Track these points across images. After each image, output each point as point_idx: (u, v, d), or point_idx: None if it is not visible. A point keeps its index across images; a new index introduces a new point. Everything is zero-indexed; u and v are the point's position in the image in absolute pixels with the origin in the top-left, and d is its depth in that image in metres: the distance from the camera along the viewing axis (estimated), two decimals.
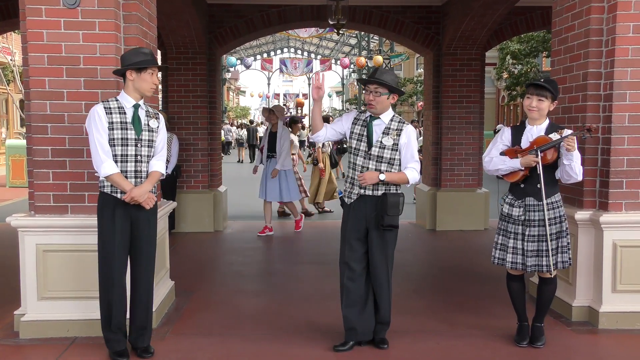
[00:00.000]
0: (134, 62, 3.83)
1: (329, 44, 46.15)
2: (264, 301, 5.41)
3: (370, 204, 4.11)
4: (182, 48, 8.57)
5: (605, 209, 4.59)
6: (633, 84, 4.49)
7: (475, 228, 8.97)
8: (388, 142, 4.10)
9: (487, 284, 5.90)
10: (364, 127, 4.18)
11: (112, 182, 3.81)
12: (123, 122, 3.84)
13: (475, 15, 7.91)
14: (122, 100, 3.89)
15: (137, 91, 3.89)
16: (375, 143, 4.11)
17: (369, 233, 4.14)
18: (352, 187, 4.17)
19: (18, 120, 24.14)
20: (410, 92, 37.82)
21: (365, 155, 4.13)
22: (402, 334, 4.50)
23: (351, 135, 4.23)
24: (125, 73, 3.87)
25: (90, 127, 3.81)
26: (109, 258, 3.87)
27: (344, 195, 4.25)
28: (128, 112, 3.88)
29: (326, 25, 9.20)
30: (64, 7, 4.19)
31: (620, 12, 4.42)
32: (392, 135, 4.11)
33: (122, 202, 3.84)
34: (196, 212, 8.81)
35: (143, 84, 3.88)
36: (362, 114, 4.27)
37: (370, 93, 4.09)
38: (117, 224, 3.86)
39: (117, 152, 3.83)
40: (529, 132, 4.16)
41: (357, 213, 4.14)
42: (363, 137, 4.16)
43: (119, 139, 3.83)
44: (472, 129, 8.96)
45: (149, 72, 3.88)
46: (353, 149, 4.20)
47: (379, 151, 4.11)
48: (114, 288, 3.90)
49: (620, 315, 4.57)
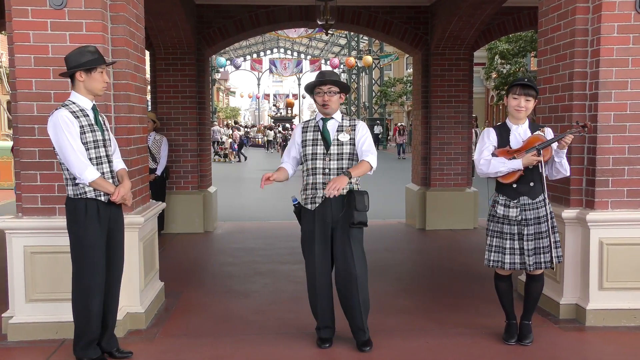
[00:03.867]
0: (81, 63, 3.72)
1: (318, 44, 46.18)
2: (253, 302, 5.41)
3: (335, 204, 4.10)
4: (171, 48, 8.55)
5: (592, 207, 4.64)
6: (618, 84, 4.53)
7: (464, 227, 9.01)
8: (344, 138, 4.17)
9: (476, 282, 5.93)
10: (317, 132, 4.22)
11: (96, 186, 3.73)
12: (90, 125, 3.77)
13: (463, 16, 7.96)
14: (79, 102, 3.78)
15: (90, 92, 3.81)
16: (333, 142, 4.16)
17: (336, 234, 4.13)
18: (316, 192, 4.14)
19: (5, 121, 23.98)
20: (400, 92, 37.93)
21: (324, 157, 4.15)
22: (391, 333, 4.52)
23: (304, 143, 4.24)
24: (73, 75, 3.77)
25: (60, 133, 3.66)
26: (95, 266, 3.77)
27: (303, 203, 4.22)
28: (90, 114, 3.80)
29: (315, 26, 9.21)
30: (51, 8, 4.17)
31: (605, 12, 4.46)
32: (347, 131, 4.19)
33: (104, 205, 3.79)
34: (186, 213, 8.80)
35: (94, 84, 3.78)
36: (309, 121, 4.34)
37: (325, 94, 4.16)
38: (103, 229, 3.81)
39: (92, 155, 3.76)
40: (516, 132, 4.18)
41: (322, 217, 4.13)
42: (318, 141, 4.20)
43: (91, 141, 3.76)
44: (461, 129, 9.01)
45: (98, 71, 3.78)
46: (310, 154, 4.19)
47: (338, 148, 4.15)
48: (96, 298, 3.81)
49: (607, 312, 4.61)
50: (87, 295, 3.79)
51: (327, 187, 3.92)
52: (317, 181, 4.14)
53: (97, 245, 3.78)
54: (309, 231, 4.20)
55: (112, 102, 4.44)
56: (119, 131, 4.44)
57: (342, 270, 4.13)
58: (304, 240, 4.26)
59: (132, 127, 4.62)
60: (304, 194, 4.24)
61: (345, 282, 4.13)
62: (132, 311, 4.57)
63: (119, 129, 4.45)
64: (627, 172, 4.60)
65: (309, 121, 4.35)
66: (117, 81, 4.45)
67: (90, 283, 3.78)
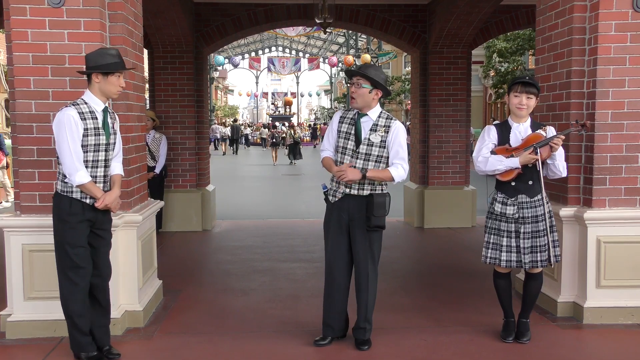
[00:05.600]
0: (100, 65, 3.72)
1: (316, 42, 46.18)
2: (252, 299, 5.42)
3: (354, 204, 4.08)
4: (169, 47, 8.54)
5: (589, 205, 4.65)
6: (615, 82, 4.54)
7: (462, 225, 9.02)
8: (376, 139, 4.06)
9: (474, 280, 5.94)
10: (351, 125, 4.13)
11: (83, 189, 3.74)
12: (96, 128, 3.77)
13: (461, 14, 7.97)
14: (91, 103, 3.78)
15: (104, 94, 3.81)
16: (363, 141, 4.07)
17: (353, 233, 4.12)
18: (338, 186, 4.13)
19: (4, 120, 23.95)
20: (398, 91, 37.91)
21: (352, 153, 4.09)
22: (388, 330, 4.53)
23: (339, 134, 4.17)
24: (90, 74, 3.77)
25: (63, 132, 3.67)
26: (77, 265, 3.76)
27: (328, 193, 4.22)
28: (99, 117, 3.80)
29: (313, 24, 9.21)
30: (49, 6, 4.17)
31: (603, 10, 4.47)
32: (379, 132, 4.07)
33: (89, 206, 3.78)
34: (184, 211, 8.80)
35: (110, 87, 3.79)
36: (349, 112, 4.23)
37: (353, 85, 4.07)
38: (85, 229, 3.80)
39: (89, 157, 3.75)
40: (517, 130, 4.18)
41: (340, 211, 4.13)
42: (351, 135, 4.12)
43: (92, 145, 3.75)
44: (459, 127, 9.02)
45: (115, 75, 3.78)
46: (341, 147, 4.14)
47: (367, 149, 4.07)
48: (80, 295, 3.80)
49: (604, 310, 4.63)
50: (74, 293, 3.79)
51: (340, 169, 3.99)
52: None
53: (79, 242, 3.76)
54: (327, 221, 4.23)
55: (111, 100, 4.44)
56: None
57: (358, 269, 4.17)
58: (324, 229, 4.29)
59: (131, 126, 4.62)
60: (331, 184, 4.22)
61: (357, 286, 4.19)
62: (131, 309, 4.58)
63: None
64: (624, 170, 4.61)
65: (348, 112, 4.23)
66: None
67: (73, 280, 3.77)
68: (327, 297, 4.26)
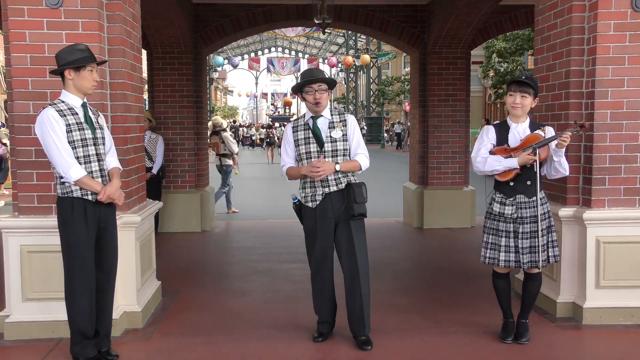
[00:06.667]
0: (70, 61, 3.70)
1: (316, 43, 46.21)
2: (250, 300, 5.41)
3: (337, 199, 4.16)
4: (168, 47, 8.54)
5: (589, 205, 4.64)
6: (614, 82, 4.54)
7: (462, 226, 9.02)
8: (337, 135, 4.18)
9: (473, 281, 5.94)
10: (307, 130, 4.23)
11: (82, 185, 3.71)
12: (78, 123, 3.75)
13: (460, 14, 7.96)
14: (68, 100, 3.77)
15: (79, 90, 3.79)
16: (325, 139, 4.18)
17: (339, 229, 4.19)
18: (315, 190, 4.18)
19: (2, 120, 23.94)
20: (398, 91, 37.87)
21: (318, 154, 4.16)
22: (387, 331, 4.53)
23: (297, 143, 4.25)
24: (63, 72, 3.75)
25: (45, 132, 3.65)
26: (84, 266, 3.76)
27: (302, 201, 4.25)
28: (79, 112, 3.78)
29: (312, 25, 9.21)
30: (47, 7, 4.16)
31: (601, 10, 4.46)
32: (338, 127, 4.20)
33: (92, 204, 3.77)
34: (183, 212, 8.79)
35: (83, 82, 3.77)
36: (298, 120, 4.34)
37: (316, 92, 4.16)
38: (91, 228, 3.78)
39: (80, 153, 3.74)
40: (515, 130, 4.18)
41: (324, 213, 4.17)
42: (310, 139, 4.21)
43: (78, 140, 3.73)
44: (458, 127, 9.02)
45: (87, 69, 3.75)
46: (304, 154, 4.21)
47: (332, 145, 4.17)
48: (86, 297, 3.79)
49: (604, 310, 4.62)
50: (77, 294, 3.78)
51: (313, 166, 4.03)
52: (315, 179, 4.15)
53: (84, 244, 3.75)
54: (311, 228, 4.25)
55: (109, 101, 4.44)
56: (116, 130, 4.43)
57: (347, 267, 4.21)
58: (307, 236, 4.32)
59: (129, 127, 4.61)
60: (303, 192, 4.26)
61: (350, 278, 4.21)
62: (129, 310, 4.57)
63: (116, 128, 4.45)
64: (623, 170, 4.61)
65: (298, 120, 4.35)
66: (114, 80, 4.45)
67: (79, 282, 3.77)
68: (319, 297, 4.36)
